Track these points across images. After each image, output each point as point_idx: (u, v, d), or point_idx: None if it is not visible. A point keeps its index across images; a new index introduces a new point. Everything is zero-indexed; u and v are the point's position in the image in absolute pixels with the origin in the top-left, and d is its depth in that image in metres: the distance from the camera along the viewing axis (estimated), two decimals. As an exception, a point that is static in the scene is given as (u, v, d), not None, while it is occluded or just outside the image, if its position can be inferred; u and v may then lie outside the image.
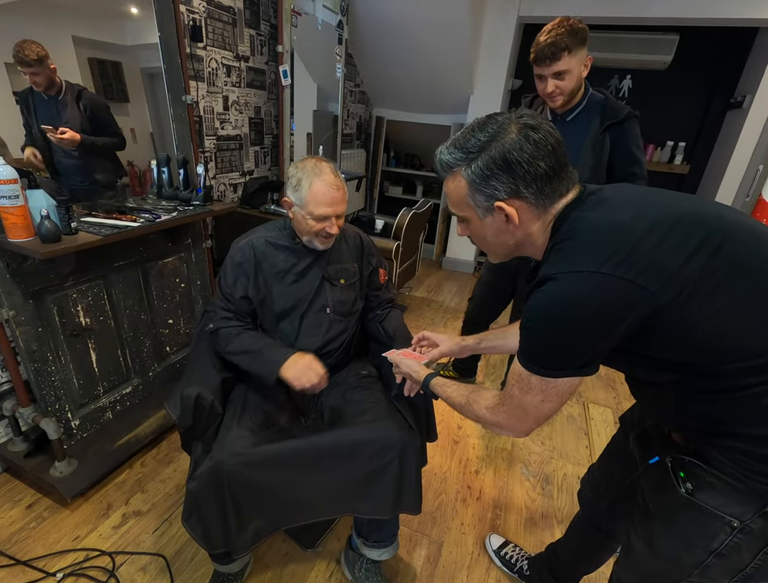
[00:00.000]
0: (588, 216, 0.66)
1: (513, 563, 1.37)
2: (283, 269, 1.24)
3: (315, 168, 1.14)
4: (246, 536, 1.03)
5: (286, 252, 1.25)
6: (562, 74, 1.33)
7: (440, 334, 1.18)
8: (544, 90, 1.39)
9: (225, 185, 2.44)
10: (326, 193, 1.13)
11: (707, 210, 0.67)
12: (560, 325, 0.64)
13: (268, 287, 1.24)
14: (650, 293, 0.59)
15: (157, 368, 1.92)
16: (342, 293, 1.30)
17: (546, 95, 1.41)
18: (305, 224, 1.17)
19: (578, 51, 1.31)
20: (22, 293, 1.37)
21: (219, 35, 2.13)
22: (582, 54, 1.32)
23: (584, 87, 1.44)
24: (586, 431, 2.09)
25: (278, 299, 1.25)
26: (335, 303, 1.29)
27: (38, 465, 1.53)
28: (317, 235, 1.19)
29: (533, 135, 0.66)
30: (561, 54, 1.29)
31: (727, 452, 0.66)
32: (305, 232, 1.19)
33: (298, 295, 1.25)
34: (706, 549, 0.69)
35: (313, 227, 1.16)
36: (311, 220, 1.15)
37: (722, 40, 3.31)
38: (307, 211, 1.15)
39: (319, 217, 1.14)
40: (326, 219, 1.16)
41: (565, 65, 1.30)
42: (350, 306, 1.33)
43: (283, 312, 1.25)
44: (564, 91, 1.36)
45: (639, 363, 0.69)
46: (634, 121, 1.42)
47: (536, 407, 0.71)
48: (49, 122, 1.56)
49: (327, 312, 1.28)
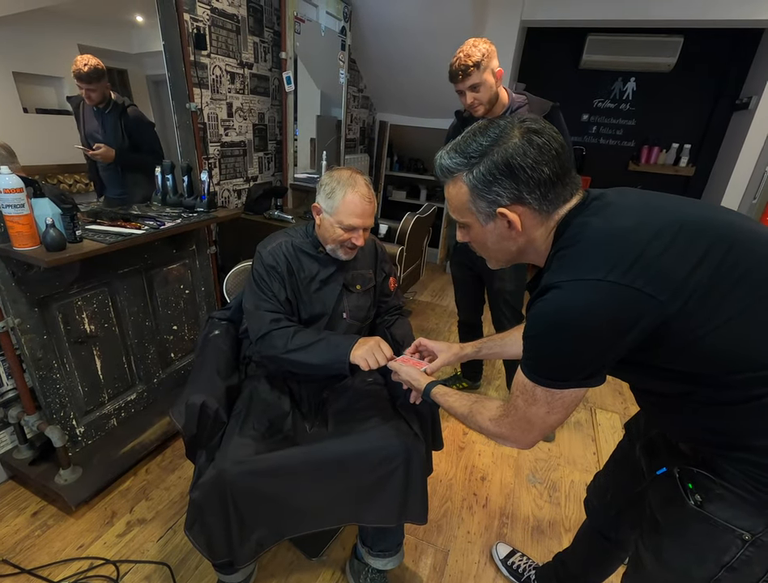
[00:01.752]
0: (592, 222, 0.64)
1: (520, 573, 1.35)
2: (308, 275, 1.24)
3: (351, 179, 1.15)
4: (250, 546, 1.02)
5: (311, 259, 1.25)
6: (477, 87, 1.52)
7: (438, 342, 1.14)
8: (465, 102, 1.59)
9: (229, 192, 2.45)
10: (359, 204, 1.14)
11: (712, 215, 0.65)
12: (565, 336, 0.62)
13: (296, 294, 1.24)
14: (659, 302, 0.57)
15: (162, 374, 1.92)
16: (358, 299, 1.31)
17: (468, 107, 1.60)
18: (331, 232, 1.17)
19: (487, 64, 1.50)
20: (27, 301, 1.37)
21: (223, 42, 2.14)
22: (491, 67, 1.51)
23: (507, 93, 1.62)
24: (593, 438, 2.06)
25: (305, 306, 1.25)
26: (352, 308, 1.29)
27: (43, 472, 1.53)
28: (342, 245, 1.19)
29: (536, 139, 0.65)
30: (471, 70, 1.48)
31: (737, 463, 0.65)
32: (330, 240, 1.20)
33: (321, 303, 1.25)
34: (718, 563, 0.67)
35: (340, 236, 1.17)
36: (339, 229, 1.16)
37: (727, 41, 3.29)
38: (337, 220, 1.15)
39: (348, 227, 1.15)
40: (354, 230, 1.16)
41: (477, 78, 1.49)
42: (365, 312, 1.33)
43: (309, 320, 1.25)
44: (482, 100, 1.55)
45: (647, 373, 0.68)
46: (559, 111, 1.60)
47: (541, 419, 0.70)
48: (93, 132, 1.68)
49: (344, 318, 1.29)
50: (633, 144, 3.85)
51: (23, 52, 1.45)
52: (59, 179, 1.65)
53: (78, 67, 1.54)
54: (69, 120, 1.64)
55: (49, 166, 1.61)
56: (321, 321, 1.26)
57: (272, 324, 1.18)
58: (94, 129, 1.68)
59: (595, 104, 3.84)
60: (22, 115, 1.49)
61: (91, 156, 1.68)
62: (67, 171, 1.68)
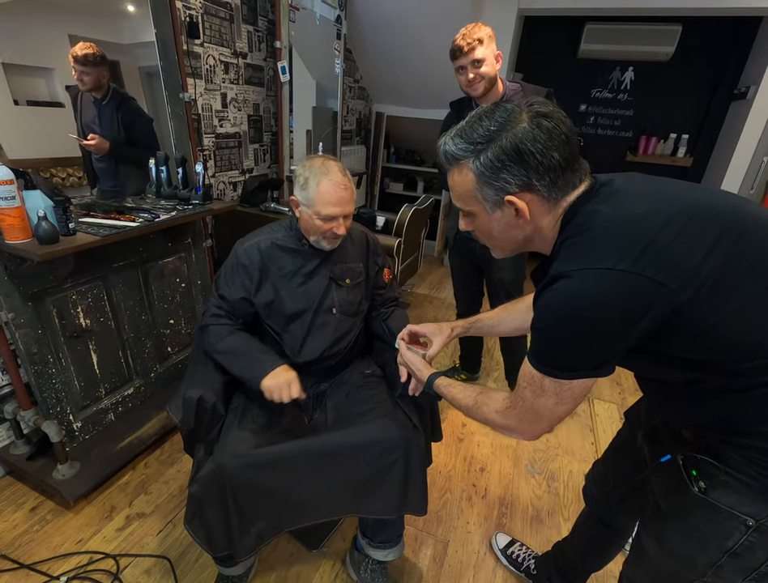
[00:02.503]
0: (601, 209, 0.63)
1: (520, 563, 1.36)
2: (290, 271, 1.22)
3: (323, 166, 1.12)
4: (249, 539, 1.02)
5: (293, 254, 1.23)
6: (480, 63, 1.53)
7: (426, 325, 1.11)
8: (465, 79, 1.58)
9: (224, 184, 2.42)
10: (334, 192, 1.11)
11: (721, 201, 0.64)
12: (575, 326, 0.61)
13: (276, 290, 1.22)
14: (670, 291, 0.56)
15: (159, 368, 1.91)
16: (348, 293, 1.28)
17: (468, 83, 1.58)
18: (312, 224, 1.15)
19: (489, 43, 1.54)
20: (20, 295, 1.35)
21: (217, 31, 2.11)
22: (492, 47, 1.55)
23: (502, 82, 1.64)
24: (591, 428, 2.07)
25: (287, 301, 1.23)
26: (341, 303, 1.27)
27: (40, 468, 1.52)
28: (325, 236, 1.17)
29: (546, 124, 0.62)
30: (476, 45, 1.51)
31: (741, 449, 0.65)
32: (312, 232, 1.18)
33: (306, 297, 1.23)
34: (721, 548, 0.67)
35: (321, 227, 1.14)
36: (318, 220, 1.13)
37: (725, 30, 3.27)
38: (314, 211, 1.13)
39: (326, 217, 1.12)
40: (334, 219, 1.14)
41: (481, 54, 1.52)
42: (356, 306, 1.31)
43: (294, 315, 1.24)
44: (483, 75, 1.55)
45: (656, 361, 0.67)
46: (553, 97, 1.63)
47: (550, 410, 0.69)
48: (90, 122, 1.67)
49: (333, 313, 1.26)
50: (630, 134, 3.83)
51: (13, 42, 1.42)
52: (52, 172, 1.62)
53: (76, 50, 1.54)
54: (61, 112, 1.61)
55: (41, 159, 1.58)
56: (304, 315, 1.24)
57: (212, 318, 1.21)
58: (90, 120, 1.66)
59: (593, 94, 3.81)
60: (12, 107, 1.46)
61: (85, 146, 1.66)
62: (60, 164, 1.65)
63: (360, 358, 1.40)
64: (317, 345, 1.25)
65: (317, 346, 1.25)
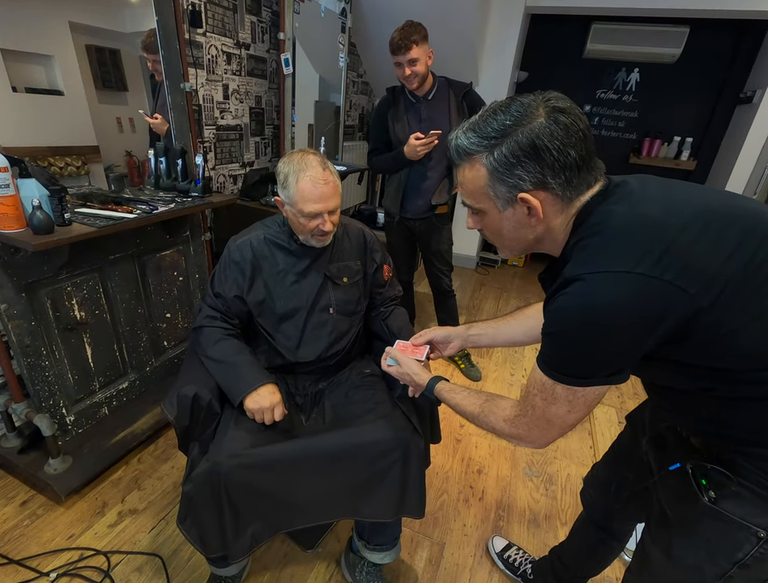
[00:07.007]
0: (616, 210, 0.61)
1: (516, 567, 1.35)
2: (283, 268, 1.19)
3: (301, 162, 1.07)
4: (244, 540, 1.00)
5: (285, 251, 1.20)
6: (415, 61, 1.77)
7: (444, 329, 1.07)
8: (402, 74, 1.83)
9: (225, 177, 2.39)
10: (313, 189, 1.06)
11: (740, 204, 0.62)
12: (590, 332, 0.58)
13: (268, 288, 1.20)
14: (690, 296, 0.54)
15: (154, 362, 1.88)
16: (345, 292, 1.26)
17: (405, 78, 1.84)
18: (297, 223, 1.12)
19: (423, 44, 1.77)
20: (14, 286, 1.33)
21: (219, 21, 2.07)
22: (425, 47, 1.79)
23: (432, 75, 1.91)
24: (590, 431, 2.06)
25: (278, 300, 1.20)
26: (338, 302, 1.24)
27: (32, 461, 1.50)
28: (312, 233, 1.13)
29: (563, 119, 0.60)
30: (412, 45, 1.73)
31: (754, 460, 0.63)
32: (300, 231, 1.14)
33: (299, 296, 1.21)
34: (730, 559, 0.66)
35: (306, 225, 1.10)
36: (302, 218, 1.09)
37: (732, 33, 3.25)
38: (297, 209, 1.09)
39: (309, 215, 1.08)
40: (318, 217, 1.09)
41: (416, 54, 1.76)
42: (354, 305, 1.28)
43: (286, 314, 1.21)
44: (417, 74, 1.81)
45: (669, 369, 0.65)
46: (473, 90, 1.97)
47: (562, 418, 0.67)
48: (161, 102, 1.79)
49: (330, 313, 1.24)
50: (634, 136, 3.81)
51: (12, 29, 1.39)
52: (50, 161, 1.59)
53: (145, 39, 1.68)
54: (60, 100, 1.57)
55: (39, 148, 1.55)
56: (297, 315, 1.21)
57: (206, 319, 1.18)
58: (162, 103, 1.78)
59: (598, 94, 3.79)
60: (10, 94, 1.43)
61: (150, 124, 1.81)
62: (58, 153, 1.62)
63: (360, 357, 1.38)
64: (315, 345, 1.23)
65: (314, 346, 1.23)
